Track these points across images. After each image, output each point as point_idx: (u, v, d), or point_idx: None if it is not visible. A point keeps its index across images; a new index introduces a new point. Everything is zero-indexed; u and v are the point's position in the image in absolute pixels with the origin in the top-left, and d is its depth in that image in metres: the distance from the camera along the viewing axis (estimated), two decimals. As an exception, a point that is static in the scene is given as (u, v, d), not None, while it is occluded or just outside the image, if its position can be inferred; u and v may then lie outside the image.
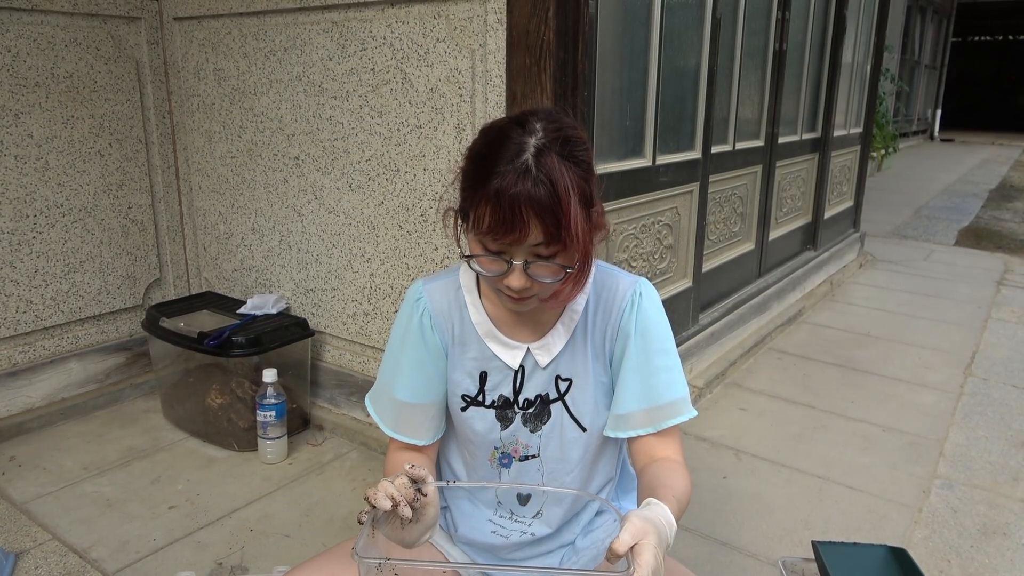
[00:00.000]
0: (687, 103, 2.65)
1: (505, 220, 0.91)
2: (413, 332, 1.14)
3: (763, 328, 3.41)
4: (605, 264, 1.17)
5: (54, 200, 2.46)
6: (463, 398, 1.17)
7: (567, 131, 0.96)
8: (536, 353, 1.12)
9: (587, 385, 1.14)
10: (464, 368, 1.15)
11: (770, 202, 3.59)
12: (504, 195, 0.91)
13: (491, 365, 1.14)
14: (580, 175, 0.95)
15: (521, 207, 0.91)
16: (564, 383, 1.14)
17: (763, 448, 2.41)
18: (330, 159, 2.32)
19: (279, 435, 2.24)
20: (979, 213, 7.35)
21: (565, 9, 1.79)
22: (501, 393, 1.15)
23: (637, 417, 1.12)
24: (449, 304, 1.14)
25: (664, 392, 1.11)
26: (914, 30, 12.77)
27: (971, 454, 2.40)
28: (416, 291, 1.15)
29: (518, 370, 1.13)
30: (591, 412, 1.15)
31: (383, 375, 1.20)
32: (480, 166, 0.95)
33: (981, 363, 3.20)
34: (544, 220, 0.92)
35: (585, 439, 1.16)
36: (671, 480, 1.05)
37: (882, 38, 4.90)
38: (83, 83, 2.47)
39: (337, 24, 2.18)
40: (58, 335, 2.55)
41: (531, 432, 1.17)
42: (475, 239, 0.98)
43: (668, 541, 0.94)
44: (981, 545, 1.93)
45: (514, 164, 0.92)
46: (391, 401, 1.17)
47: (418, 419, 1.17)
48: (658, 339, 1.12)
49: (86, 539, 1.88)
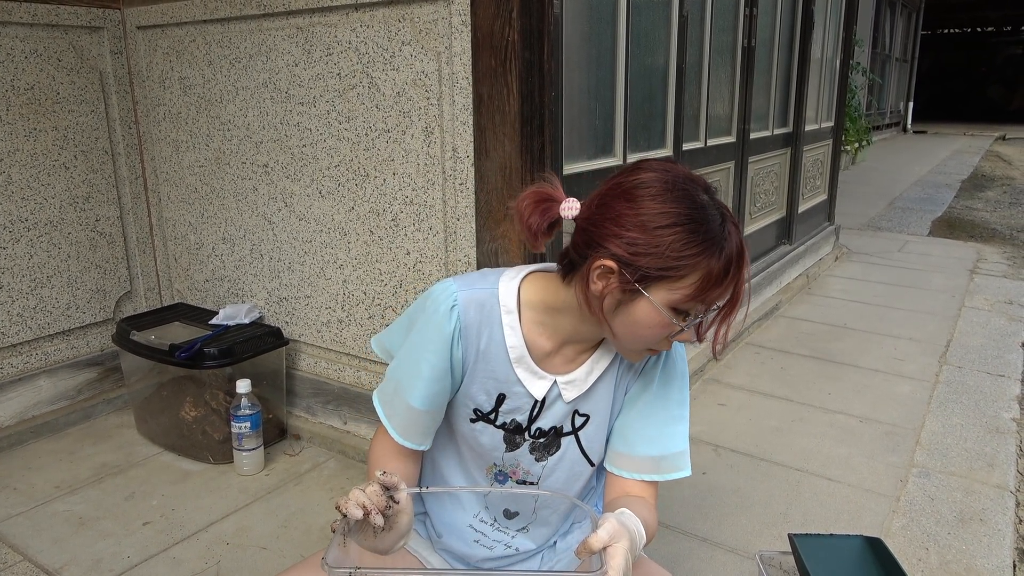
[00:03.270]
0: (657, 101, 2.65)
1: (735, 289, 0.97)
2: (441, 342, 1.07)
3: (740, 323, 3.43)
4: None
5: (18, 214, 2.42)
6: (475, 412, 1.13)
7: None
8: (563, 387, 1.10)
9: (602, 422, 1.14)
10: (483, 385, 1.11)
11: (744, 197, 3.60)
12: (741, 254, 0.96)
13: (513, 390, 1.11)
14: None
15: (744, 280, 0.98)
16: (581, 418, 1.13)
17: (742, 443, 2.42)
18: (299, 166, 2.29)
19: (255, 446, 2.21)
20: (952, 203, 7.45)
21: (529, 9, 1.79)
22: (515, 418, 1.13)
23: (645, 463, 1.12)
24: (481, 318, 1.08)
25: (673, 443, 1.12)
26: (884, 24, 12.93)
27: (947, 442, 2.43)
28: (450, 296, 1.08)
29: (540, 400, 1.11)
30: (599, 448, 1.16)
31: (398, 378, 1.12)
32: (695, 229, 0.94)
33: (955, 351, 3.24)
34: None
35: (590, 472, 1.17)
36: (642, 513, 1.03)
37: (851, 32, 4.95)
38: (45, 95, 2.43)
39: (302, 29, 2.16)
40: (26, 352, 2.50)
41: (535, 460, 1.15)
42: (668, 300, 0.96)
43: (638, 550, 0.95)
44: (958, 532, 1.94)
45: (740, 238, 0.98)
46: (405, 408, 1.11)
47: (425, 425, 1.13)
48: (677, 390, 1.13)
49: (58, 559, 1.84)
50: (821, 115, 4.68)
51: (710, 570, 1.79)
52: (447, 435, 1.20)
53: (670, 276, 0.94)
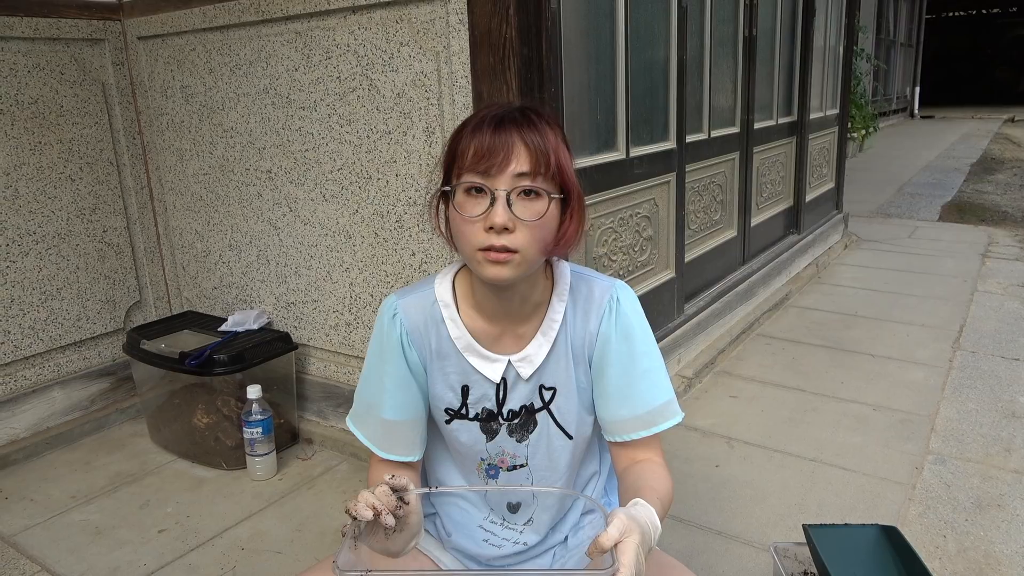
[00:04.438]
0: (658, 94, 2.64)
1: (492, 145, 0.94)
2: (392, 349, 1.12)
3: (750, 315, 3.41)
4: (580, 268, 1.16)
5: (26, 228, 2.43)
6: (446, 411, 1.15)
7: (538, 107, 1.03)
8: (518, 366, 1.11)
9: (571, 393, 1.13)
10: (445, 382, 1.14)
11: (750, 188, 3.59)
12: (488, 121, 0.96)
13: (472, 379, 1.12)
14: (563, 136, 1.01)
15: (506, 130, 0.95)
16: (548, 392, 1.13)
17: (755, 434, 2.41)
18: (302, 170, 2.30)
19: (267, 451, 2.22)
20: (961, 187, 7.39)
21: (526, 6, 1.78)
22: (484, 406, 1.14)
23: (629, 423, 1.11)
24: (425, 319, 1.12)
25: (650, 397, 1.11)
26: (888, 9, 12.83)
27: (962, 428, 2.40)
28: (390, 307, 1.13)
29: (500, 383, 1.12)
30: (576, 419, 1.14)
31: (365, 396, 1.17)
32: (463, 122, 1.02)
33: (969, 336, 3.21)
34: (528, 144, 0.95)
35: (572, 446, 1.16)
36: (654, 482, 1.05)
37: (853, 19, 4.92)
38: (49, 108, 2.45)
39: (300, 34, 2.16)
40: (39, 364, 2.52)
41: (518, 442, 1.16)
42: (459, 186, 0.98)
43: (651, 542, 0.93)
44: (976, 518, 1.92)
45: (498, 106, 1.00)
46: (379, 422, 1.15)
47: (407, 436, 1.15)
48: (640, 342, 1.11)
49: (76, 569, 1.85)
50: (826, 103, 4.65)
51: (725, 563, 1.78)
52: (439, 446, 1.23)
53: (449, 166, 1.01)
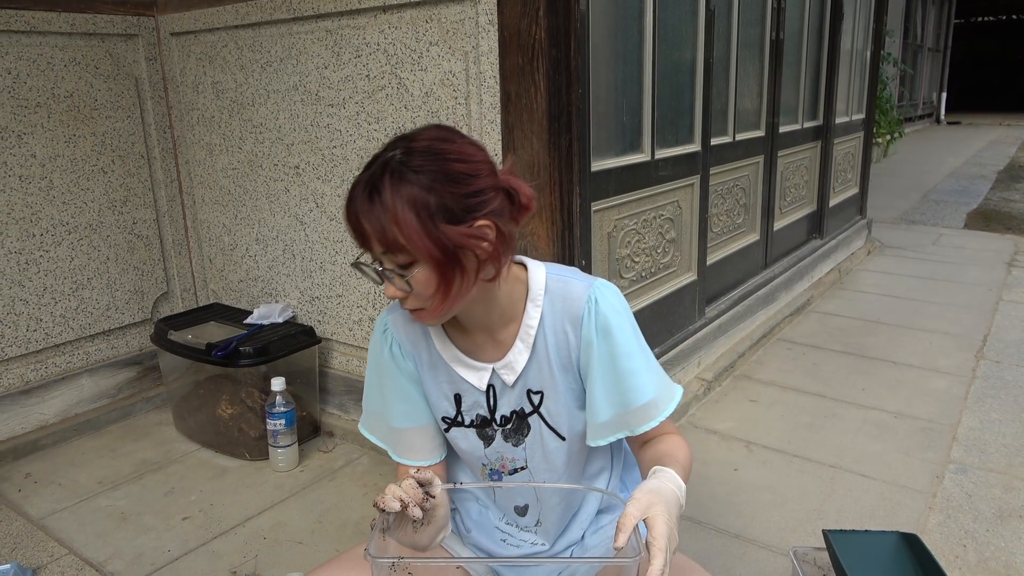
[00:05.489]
0: (684, 96, 2.64)
1: (350, 227, 0.97)
2: (387, 363, 1.17)
3: (771, 319, 3.40)
4: (560, 270, 1.14)
5: (59, 218, 2.49)
6: (444, 420, 1.19)
7: (430, 144, 0.97)
8: (501, 372, 1.12)
9: (558, 395, 1.13)
10: (439, 391, 1.17)
11: (773, 192, 3.57)
12: (347, 205, 0.97)
13: (462, 387, 1.15)
14: (428, 186, 0.94)
15: (352, 211, 0.96)
16: (536, 395, 1.14)
17: (774, 439, 2.41)
18: (330, 167, 2.33)
19: (290, 443, 2.25)
20: (988, 195, 7.29)
21: (556, 7, 1.79)
22: (478, 413, 1.16)
23: (613, 423, 1.11)
24: (414, 332, 1.15)
25: (634, 396, 1.10)
26: (916, 13, 12.68)
27: (985, 438, 2.38)
28: (382, 323, 1.17)
29: (488, 390, 1.14)
30: (567, 421, 1.14)
31: (371, 407, 1.22)
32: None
33: (993, 346, 3.18)
34: (369, 226, 0.95)
35: (566, 447, 1.16)
36: (671, 449, 1.07)
37: (881, 23, 4.87)
38: (84, 101, 2.50)
39: (331, 32, 2.19)
40: (69, 352, 2.57)
41: (514, 446, 1.17)
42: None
43: (680, 502, 0.95)
44: (997, 529, 1.91)
45: (360, 178, 0.97)
46: (389, 430, 1.20)
47: (419, 441, 1.19)
48: (621, 342, 1.09)
49: (102, 552, 1.89)
50: (852, 107, 4.61)
51: (743, 566, 1.79)
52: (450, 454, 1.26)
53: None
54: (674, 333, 2.71)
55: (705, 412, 2.61)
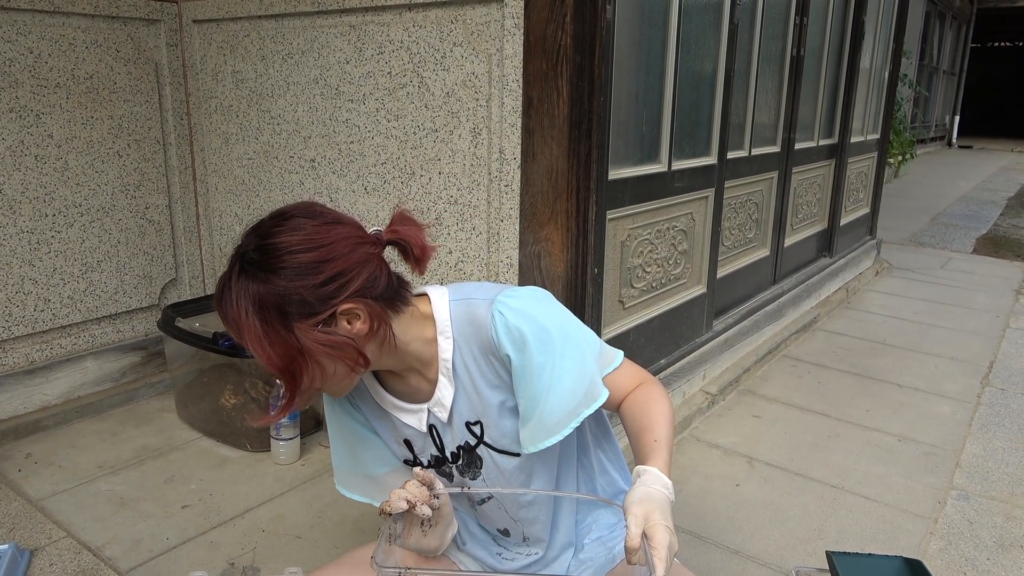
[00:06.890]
0: (703, 109, 2.64)
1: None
2: (342, 417, 1.17)
3: (777, 335, 3.39)
4: (462, 291, 1.10)
5: (72, 200, 2.49)
6: (405, 463, 1.19)
7: (277, 240, 0.95)
8: (435, 411, 1.11)
9: (497, 420, 1.10)
10: (391, 437, 1.17)
11: (786, 208, 3.56)
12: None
13: (406, 432, 1.15)
14: (276, 285, 0.93)
15: (225, 322, 0.98)
16: (475, 427, 1.11)
17: (777, 456, 2.40)
18: (346, 161, 2.32)
19: (292, 436, 2.25)
20: (997, 221, 7.27)
21: (583, 14, 1.79)
22: (431, 452, 1.16)
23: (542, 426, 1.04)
24: (359, 383, 1.15)
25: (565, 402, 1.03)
26: (932, 36, 12.67)
27: (988, 465, 2.37)
28: None
29: (429, 430, 1.13)
30: (512, 438, 1.11)
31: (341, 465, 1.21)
32: None
33: (999, 373, 3.16)
34: (229, 327, 0.97)
35: (522, 461, 1.13)
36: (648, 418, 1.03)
37: (900, 44, 4.86)
38: (103, 84, 2.50)
39: (355, 27, 2.19)
40: (75, 334, 2.57)
41: (472, 479, 1.17)
42: None
43: (670, 499, 0.94)
44: (998, 557, 1.90)
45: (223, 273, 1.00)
46: (368, 480, 1.19)
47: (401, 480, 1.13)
48: (537, 352, 1.01)
49: (100, 537, 1.89)
50: (867, 127, 4.60)
51: (742, 583, 1.78)
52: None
53: None
54: (681, 345, 2.70)
55: (708, 425, 2.60)
